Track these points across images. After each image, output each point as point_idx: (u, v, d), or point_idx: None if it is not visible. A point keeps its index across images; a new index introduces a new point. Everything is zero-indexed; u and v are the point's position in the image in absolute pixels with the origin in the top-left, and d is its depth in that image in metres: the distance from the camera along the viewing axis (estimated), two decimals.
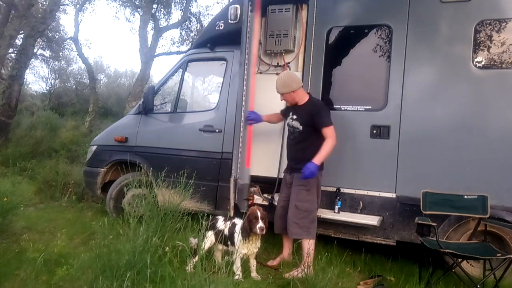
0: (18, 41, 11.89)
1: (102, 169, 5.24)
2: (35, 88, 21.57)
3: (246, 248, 3.24)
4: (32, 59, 15.65)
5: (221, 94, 4.87)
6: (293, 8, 4.26)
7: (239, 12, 4.57)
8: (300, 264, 3.42)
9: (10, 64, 13.01)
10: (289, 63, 4.33)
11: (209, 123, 4.78)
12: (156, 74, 28.64)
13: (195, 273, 2.60)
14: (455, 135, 3.63)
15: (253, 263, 3.36)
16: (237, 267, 3.17)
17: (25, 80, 11.74)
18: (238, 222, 3.38)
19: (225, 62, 4.90)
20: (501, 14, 3.56)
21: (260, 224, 3.14)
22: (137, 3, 15.46)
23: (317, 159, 3.53)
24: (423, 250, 3.30)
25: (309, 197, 3.63)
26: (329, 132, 3.57)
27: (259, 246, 3.33)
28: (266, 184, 4.33)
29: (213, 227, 3.43)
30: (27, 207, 5.12)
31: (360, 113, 3.99)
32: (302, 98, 3.72)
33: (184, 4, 15.50)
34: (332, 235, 4.03)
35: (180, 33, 16.77)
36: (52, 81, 20.95)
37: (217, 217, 3.57)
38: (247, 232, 3.17)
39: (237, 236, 3.22)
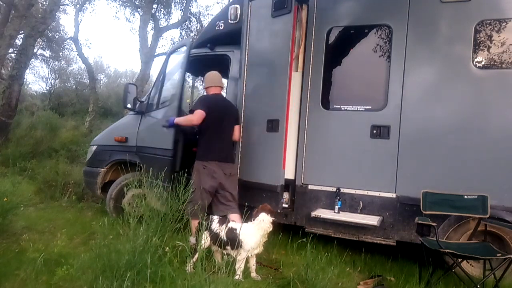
0: (18, 41, 11.91)
1: (102, 169, 5.24)
2: (35, 88, 21.66)
3: (259, 248, 3.30)
4: (32, 59, 15.70)
5: None
6: None
7: (239, 12, 4.58)
8: None
9: (10, 64, 13.01)
10: None
11: None
12: (156, 74, 28.62)
13: (195, 273, 2.60)
14: (455, 135, 3.63)
15: (252, 262, 3.36)
16: (239, 266, 3.17)
17: (25, 80, 11.74)
18: (236, 225, 3.36)
19: None
20: (501, 14, 3.56)
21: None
22: (137, 3, 15.49)
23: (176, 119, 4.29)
24: (423, 250, 3.30)
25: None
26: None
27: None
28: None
29: (208, 228, 3.39)
30: (27, 207, 5.12)
31: (360, 113, 3.99)
32: None
33: (184, 4, 15.54)
34: (332, 235, 4.03)
35: (180, 33, 16.83)
36: (52, 81, 21.01)
37: (212, 217, 3.55)
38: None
39: (248, 238, 3.24)
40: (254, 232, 3.28)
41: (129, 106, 5.03)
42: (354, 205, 3.97)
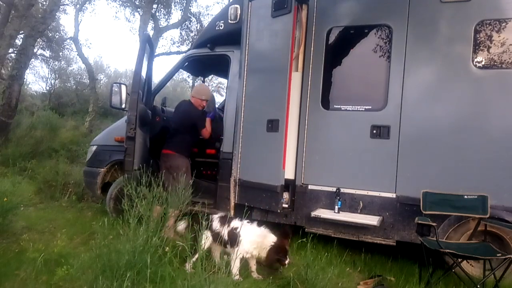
0: (18, 41, 11.90)
1: (102, 169, 5.24)
2: (35, 88, 21.54)
3: (256, 251, 3.26)
4: (32, 59, 15.66)
5: None
6: None
7: (239, 12, 4.58)
8: None
9: (10, 64, 13.00)
10: None
11: None
12: (156, 74, 28.62)
13: (195, 273, 2.60)
14: (455, 135, 3.63)
15: (253, 263, 3.36)
16: (236, 267, 3.17)
17: (25, 80, 11.70)
18: (238, 224, 3.35)
19: None
20: (501, 14, 3.56)
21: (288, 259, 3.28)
22: (137, 3, 15.49)
23: None
24: (423, 250, 3.30)
25: None
26: None
27: None
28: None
29: (210, 227, 3.39)
30: (27, 207, 5.13)
31: (360, 113, 3.99)
32: None
33: (184, 4, 15.54)
34: (332, 235, 4.03)
35: (180, 33, 16.82)
36: (52, 81, 20.94)
37: (212, 216, 3.53)
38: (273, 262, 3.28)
39: (244, 239, 3.22)
40: (252, 236, 3.26)
41: (122, 106, 4.98)
42: (354, 205, 3.97)
